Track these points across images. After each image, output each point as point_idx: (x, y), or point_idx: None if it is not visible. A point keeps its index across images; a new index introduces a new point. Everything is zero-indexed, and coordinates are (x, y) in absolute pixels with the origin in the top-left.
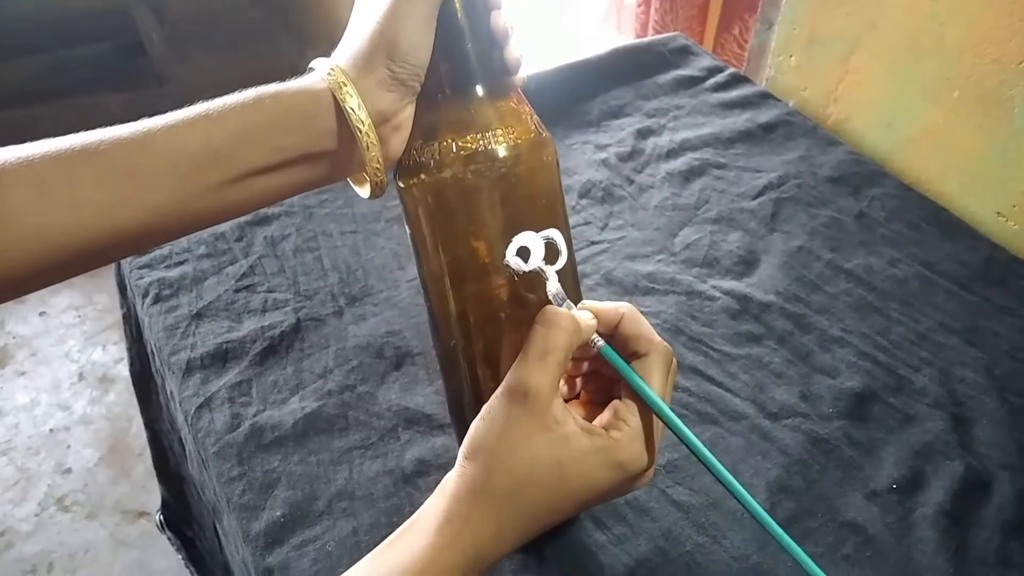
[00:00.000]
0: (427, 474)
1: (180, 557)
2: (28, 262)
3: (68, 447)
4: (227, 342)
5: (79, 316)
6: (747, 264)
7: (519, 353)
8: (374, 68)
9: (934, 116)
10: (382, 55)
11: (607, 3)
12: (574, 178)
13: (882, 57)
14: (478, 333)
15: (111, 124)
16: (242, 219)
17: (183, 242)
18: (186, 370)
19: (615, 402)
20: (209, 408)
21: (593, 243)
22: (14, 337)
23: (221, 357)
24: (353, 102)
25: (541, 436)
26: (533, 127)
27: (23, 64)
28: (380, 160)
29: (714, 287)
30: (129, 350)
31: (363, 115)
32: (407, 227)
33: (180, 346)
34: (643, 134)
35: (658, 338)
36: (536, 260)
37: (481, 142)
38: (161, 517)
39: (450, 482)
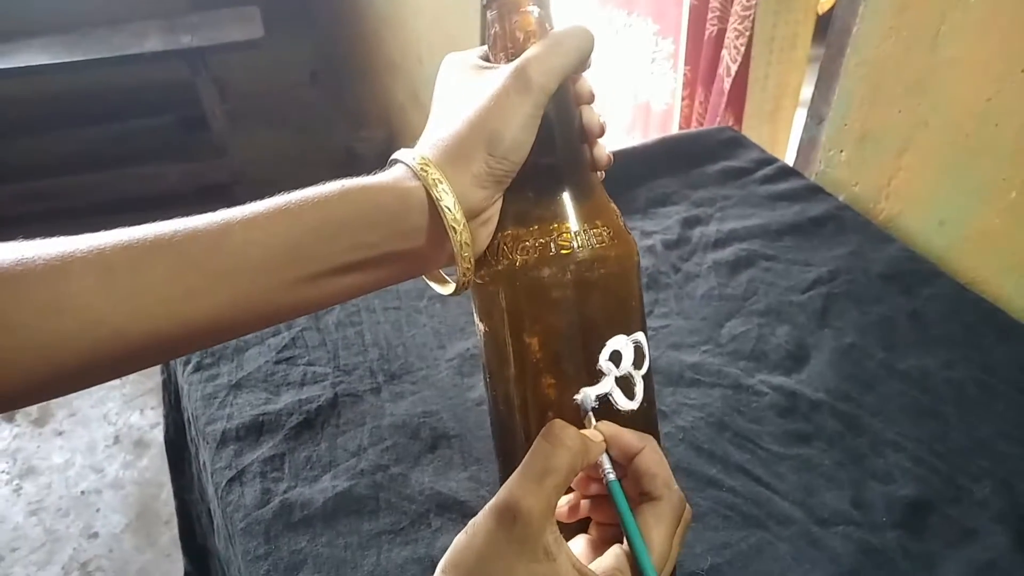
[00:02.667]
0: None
1: None
2: (90, 352)
3: (97, 510)
4: (264, 414)
5: (120, 379)
6: (796, 359)
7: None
8: (471, 163)
9: (989, 216)
10: (481, 150)
11: (632, 113)
12: None
13: (935, 155)
14: (538, 421)
15: (171, 191)
16: None
17: None
18: (220, 441)
19: (620, 548)
20: (240, 482)
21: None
22: None
23: (256, 429)
24: (449, 200)
25: (525, 567)
26: (622, 226)
27: (92, 132)
28: (472, 260)
29: (762, 382)
30: (165, 417)
31: (459, 214)
32: (477, 319)
33: (216, 416)
34: (690, 223)
35: (675, 485)
36: (627, 365)
37: (572, 241)
38: None
39: None
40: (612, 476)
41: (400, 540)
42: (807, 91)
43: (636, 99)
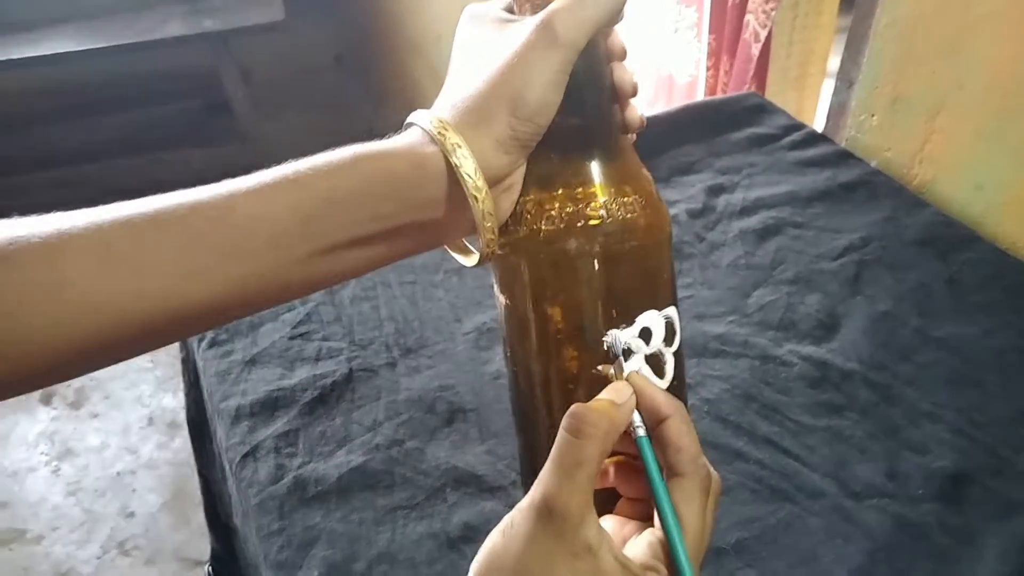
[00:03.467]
0: (474, 540)
1: None
2: (92, 335)
3: (133, 491)
4: (278, 390)
5: (152, 361)
6: (827, 329)
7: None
8: (492, 126)
9: None
10: (504, 112)
11: (655, 86)
12: None
13: (970, 118)
14: (561, 398)
15: (195, 177)
16: None
17: None
18: (235, 417)
19: (652, 535)
20: (254, 457)
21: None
22: (91, 379)
23: (271, 405)
24: (469, 166)
25: (566, 563)
26: (655, 195)
27: (117, 119)
28: (496, 229)
29: (791, 352)
30: (187, 395)
31: (480, 181)
32: (497, 290)
33: (231, 392)
34: (715, 191)
35: (703, 459)
36: (657, 342)
37: (602, 208)
38: (210, 568)
39: None
40: (642, 432)
41: (415, 515)
42: (834, 61)
43: (659, 71)
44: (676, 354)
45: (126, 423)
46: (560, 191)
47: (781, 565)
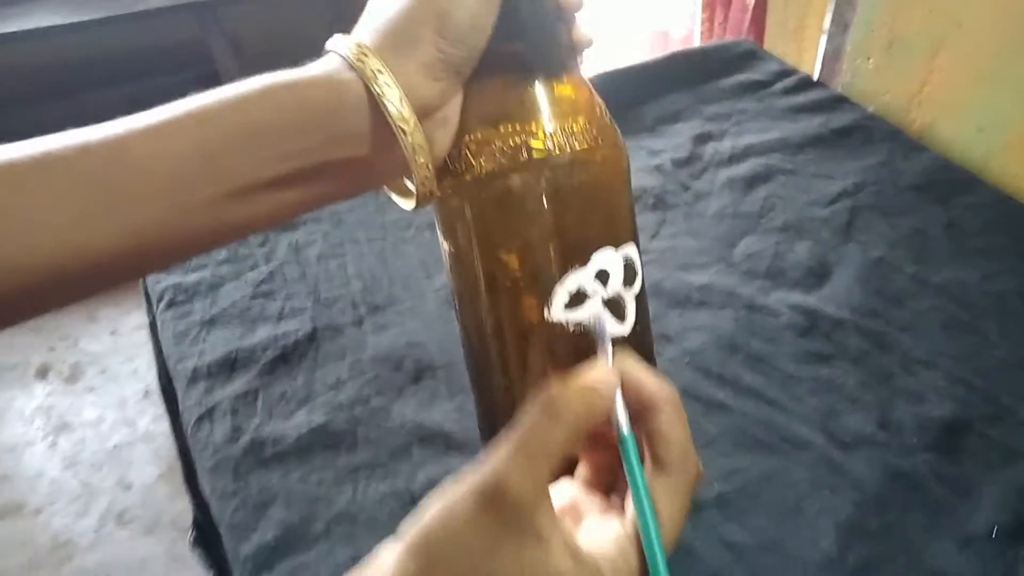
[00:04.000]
0: None
1: None
2: None
3: (131, 463)
4: (237, 350)
5: (148, 335)
6: (817, 276)
7: (550, 382)
8: (417, 49)
9: None
10: (430, 32)
11: (651, 43)
12: None
13: (970, 57)
14: (517, 352)
15: None
16: None
17: None
18: (191, 378)
19: (619, 525)
20: (210, 419)
21: (642, 252)
22: (86, 354)
23: (229, 365)
24: (393, 95)
25: (512, 552)
26: (608, 123)
27: (104, 95)
28: (430, 166)
29: (779, 301)
30: (156, 361)
31: (406, 111)
32: (442, 237)
33: (188, 353)
34: (702, 139)
35: (694, 453)
36: (616, 284)
37: (548, 140)
38: (193, 534)
39: (382, 573)
40: (627, 431)
41: (379, 474)
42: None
43: (654, 27)
44: (638, 296)
45: (122, 396)
46: (501, 123)
47: (764, 518)
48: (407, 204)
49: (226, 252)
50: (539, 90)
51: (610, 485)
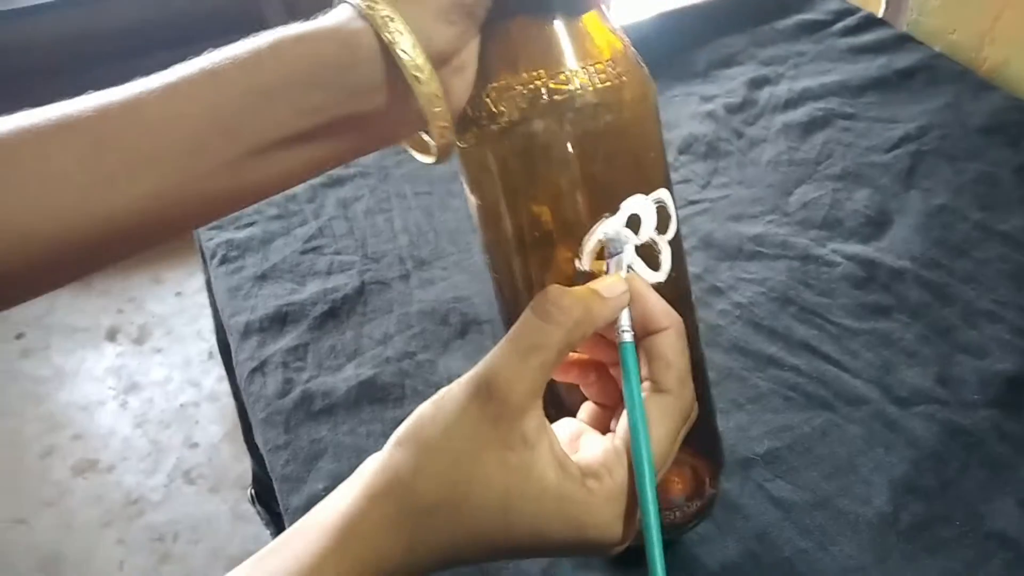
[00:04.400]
0: None
1: (269, 532)
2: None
3: (196, 422)
4: (288, 304)
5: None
6: (876, 226)
7: None
8: None
9: None
10: None
11: None
12: (673, 132)
13: None
14: None
15: None
16: (315, 180)
17: None
18: (244, 333)
19: (607, 441)
20: (263, 372)
21: (692, 202)
22: (153, 316)
23: (280, 320)
24: (405, 42)
25: (496, 453)
26: (634, 60)
27: (158, 58)
28: (447, 116)
29: (835, 251)
30: (214, 318)
31: (420, 59)
32: (468, 190)
33: (241, 308)
34: (757, 83)
35: (691, 383)
36: (648, 230)
37: (571, 82)
38: (252, 490)
39: (368, 469)
40: (628, 337)
41: None
42: None
43: None
44: (672, 242)
45: (187, 357)
46: (521, 67)
47: (814, 476)
48: (427, 159)
49: (276, 208)
50: (558, 29)
51: (609, 427)
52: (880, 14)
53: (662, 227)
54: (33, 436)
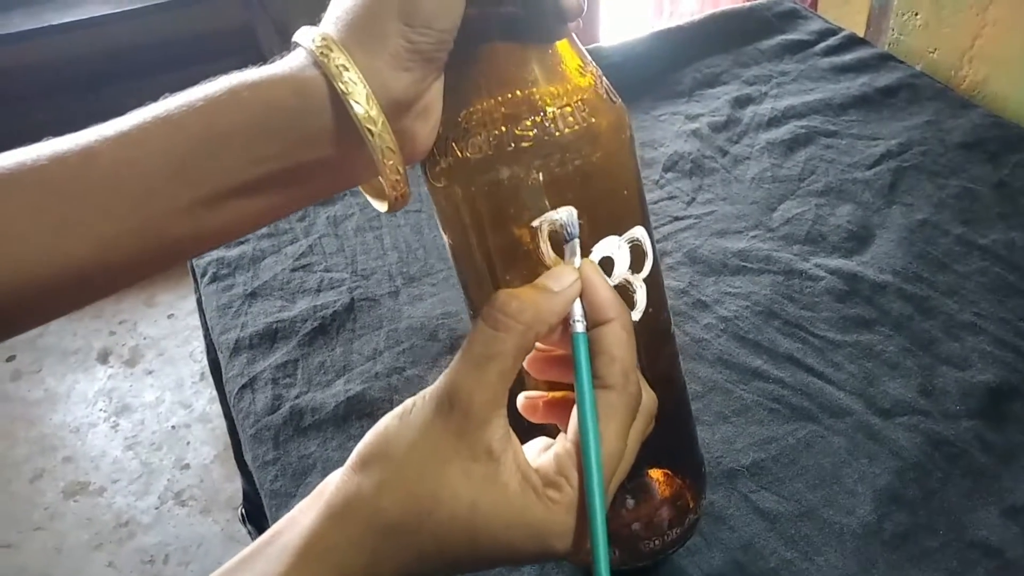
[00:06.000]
0: None
1: None
2: None
3: (187, 443)
4: (278, 321)
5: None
6: (859, 240)
7: None
8: (385, 41)
9: None
10: (394, 20)
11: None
12: (659, 151)
13: None
14: None
15: None
16: None
17: None
18: (233, 349)
19: (560, 447)
20: (252, 389)
21: (676, 219)
22: (145, 338)
23: (270, 337)
24: (359, 93)
25: (461, 465)
26: (605, 95)
27: (158, 81)
28: (400, 169)
29: (818, 265)
30: (205, 337)
31: (373, 110)
32: (443, 231)
33: (230, 325)
34: (741, 102)
35: (635, 375)
36: (622, 271)
37: (546, 126)
38: (243, 509)
39: (330, 487)
40: (580, 327)
41: None
42: None
43: None
44: (648, 279)
45: (179, 379)
46: (484, 109)
47: (799, 486)
48: (381, 207)
49: (267, 227)
50: (524, 68)
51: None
52: (862, 34)
53: (636, 266)
54: (24, 458)
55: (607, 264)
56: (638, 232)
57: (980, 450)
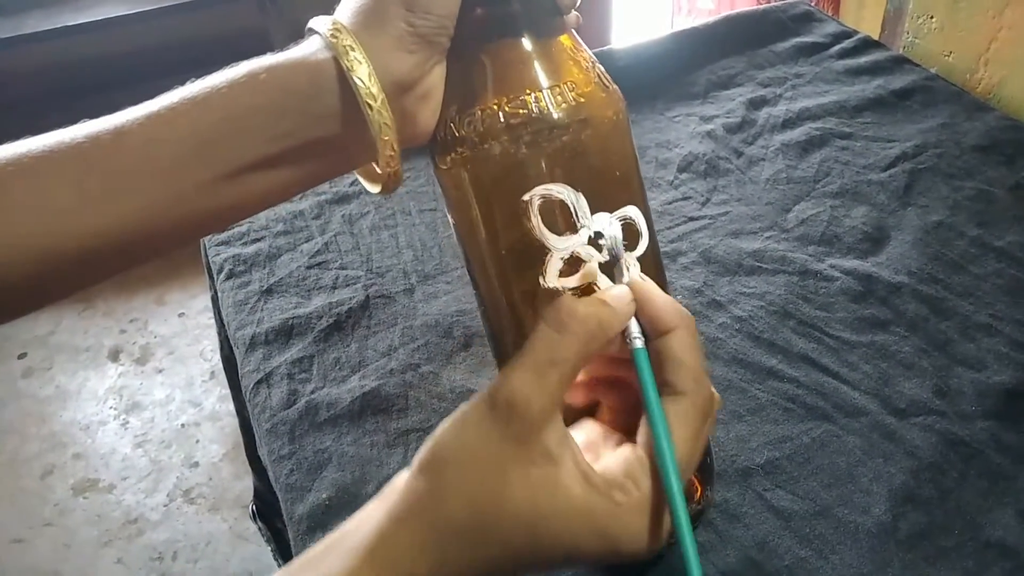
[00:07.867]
0: None
1: (270, 549)
2: None
3: (197, 442)
4: (294, 318)
5: (214, 318)
6: (874, 242)
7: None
8: (387, 23)
9: None
10: (396, 5)
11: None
12: (674, 151)
13: None
14: (529, 321)
15: None
16: (321, 197)
17: (261, 219)
18: (250, 345)
19: (629, 451)
20: (268, 384)
21: (691, 219)
22: (155, 336)
23: (286, 333)
24: (362, 70)
25: (521, 469)
26: (596, 79)
27: (173, 83)
28: (395, 146)
29: (833, 266)
30: (219, 334)
31: (374, 87)
32: (448, 212)
33: (247, 321)
34: (755, 104)
35: (706, 379)
36: (614, 247)
37: (536, 104)
38: (253, 506)
39: (395, 493)
40: (640, 343)
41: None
42: None
43: None
44: (643, 258)
45: (189, 377)
46: (495, 90)
47: (814, 485)
48: (374, 188)
49: (283, 224)
50: (523, 51)
51: (630, 428)
52: (877, 37)
53: (631, 244)
54: (34, 455)
55: (598, 240)
56: (631, 211)
57: (996, 451)
